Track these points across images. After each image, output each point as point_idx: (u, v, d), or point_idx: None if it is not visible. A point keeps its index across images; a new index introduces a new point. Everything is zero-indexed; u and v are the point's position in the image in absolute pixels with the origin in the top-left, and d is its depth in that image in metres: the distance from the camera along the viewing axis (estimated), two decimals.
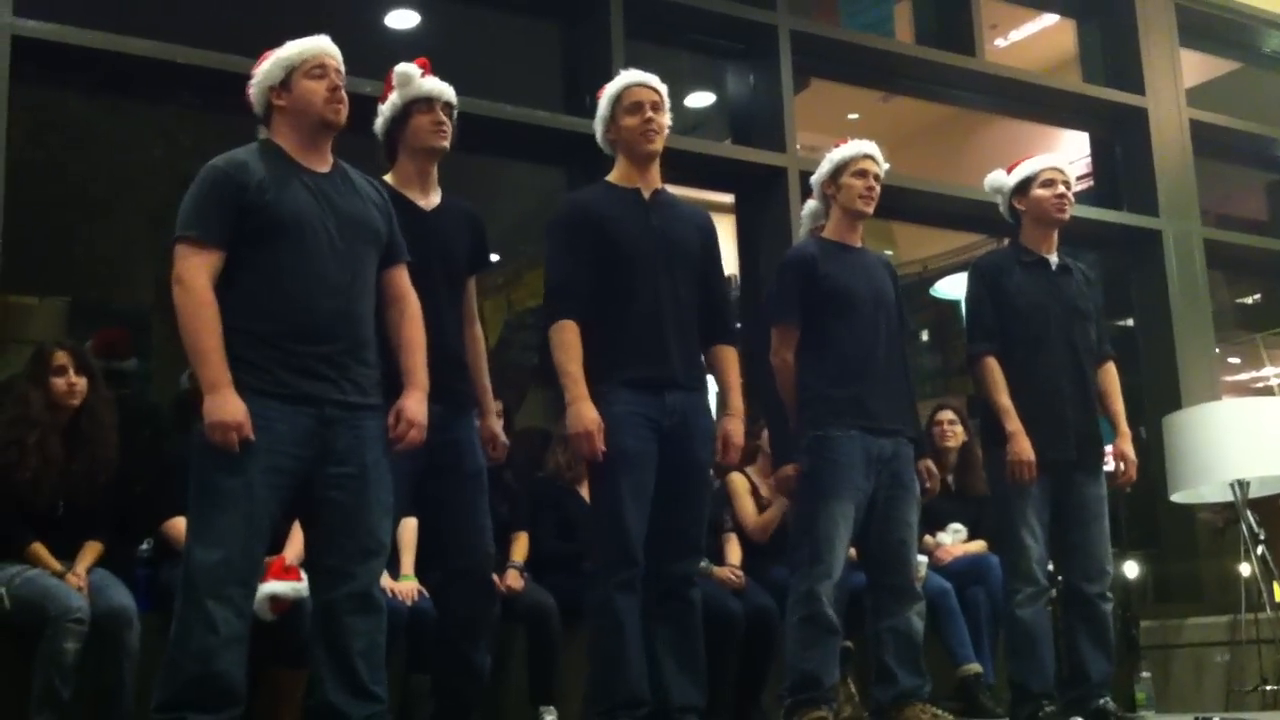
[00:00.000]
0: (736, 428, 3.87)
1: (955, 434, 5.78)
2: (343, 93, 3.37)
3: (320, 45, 3.39)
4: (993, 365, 4.40)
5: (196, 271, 3.14)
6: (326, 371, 3.20)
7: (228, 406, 3.07)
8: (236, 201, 3.19)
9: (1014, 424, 4.31)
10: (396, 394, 3.36)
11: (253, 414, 3.09)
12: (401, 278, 3.46)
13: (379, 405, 3.32)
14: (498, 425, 3.96)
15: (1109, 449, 4.60)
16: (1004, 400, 4.35)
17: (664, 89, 3.89)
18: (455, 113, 3.81)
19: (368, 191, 3.44)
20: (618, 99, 3.85)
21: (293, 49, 3.37)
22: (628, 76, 3.90)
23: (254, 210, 3.20)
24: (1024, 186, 4.55)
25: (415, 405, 3.34)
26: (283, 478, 3.16)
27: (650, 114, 3.82)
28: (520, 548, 4.74)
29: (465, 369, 3.78)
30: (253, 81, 3.40)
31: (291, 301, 3.19)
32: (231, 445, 3.05)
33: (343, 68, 3.42)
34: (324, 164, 3.38)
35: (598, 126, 3.92)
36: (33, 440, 4.00)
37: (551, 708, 4.40)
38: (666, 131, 3.89)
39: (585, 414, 3.62)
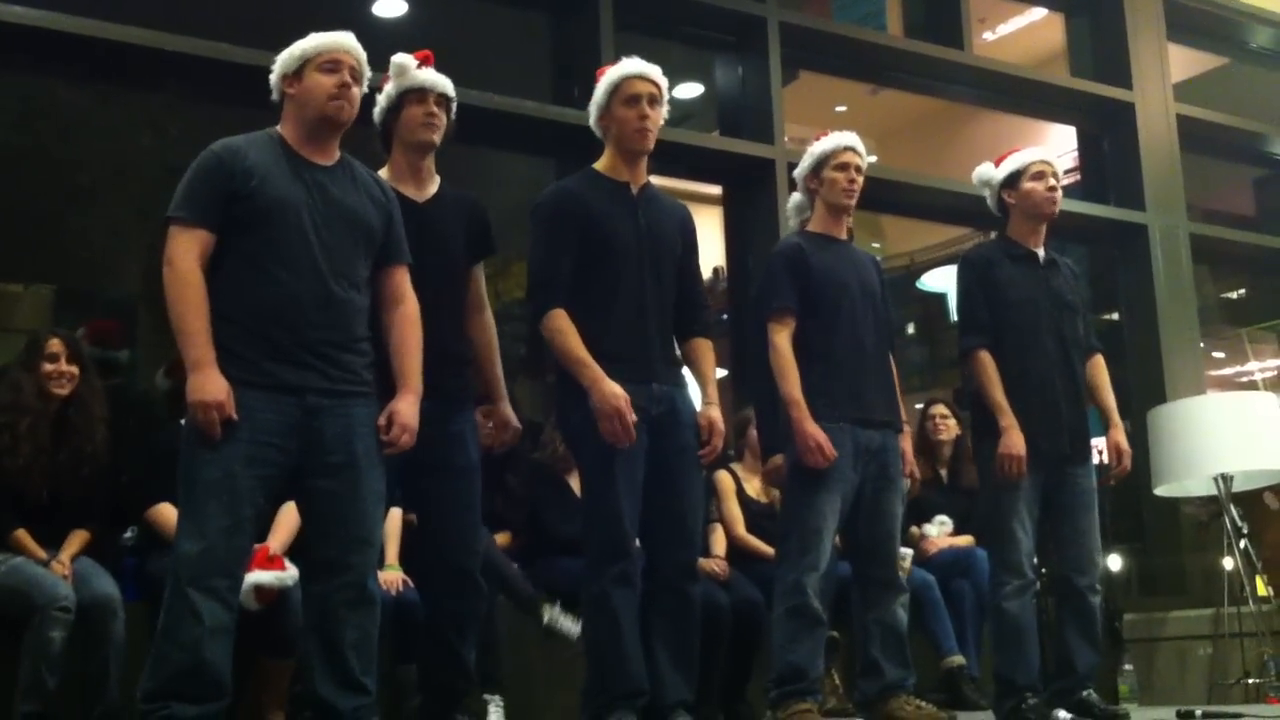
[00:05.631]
0: (718, 415, 3.84)
1: (948, 427, 5.79)
2: (353, 92, 3.32)
3: (338, 40, 3.34)
4: (986, 359, 4.35)
5: (184, 252, 3.14)
6: (311, 360, 3.18)
7: (209, 385, 3.06)
8: (225, 186, 3.18)
9: (1008, 419, 4.27)
10: (387, 390, 3.33)
11: (237, 405, 3.08)
12: (400, 279, 3.42)
13: (369, 393, 3.29)
14: (510, 411, 3.91)
15: (1099, 441, 4.61)
16: (998, 395, 4.31)
17: (664, 82, 3.80)
18: (454, 107, 3.76)
19: (370, 187, 3.40)
20: (615, 88, 3.77)
21: (311, 41, 3.34)
22: (628, 66, 3.80)
23: (240, 196, 3.18)
24: (1014, 179, 4.50)
25: (407, 409, 3.31)
26: (268, 468, 3.14)
27: (647, 110, 3.75)
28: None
29: (460, 364, 3.75)
30: (273, 69, 3.38)
31: (275, 288, 3.17)
32: (213, 425, 3.05)
33: (363, 67, 3.37)
34: (327, 158, 3.35)
35: (592, 110, 3.83)
36: (24, 426, 4.01)
37: (497, 697, 4.33)
38: (660, 124, 3.82)
39: (612, 391, 3.55)
